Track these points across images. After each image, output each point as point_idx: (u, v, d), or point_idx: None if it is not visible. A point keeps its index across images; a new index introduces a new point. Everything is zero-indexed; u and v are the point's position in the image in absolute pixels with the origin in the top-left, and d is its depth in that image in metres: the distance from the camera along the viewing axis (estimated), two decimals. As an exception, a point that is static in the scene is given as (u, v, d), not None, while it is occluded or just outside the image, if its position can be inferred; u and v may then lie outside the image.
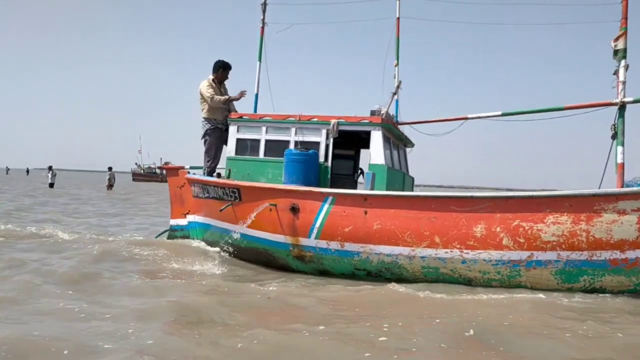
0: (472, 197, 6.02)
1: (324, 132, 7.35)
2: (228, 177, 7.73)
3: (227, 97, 7.92)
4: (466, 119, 7.33)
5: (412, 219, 6.20)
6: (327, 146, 7.34)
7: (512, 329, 4.39)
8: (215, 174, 8.16)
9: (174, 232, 8.77)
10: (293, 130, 7.49)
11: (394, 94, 7.34)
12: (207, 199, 7.81)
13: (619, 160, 6.39)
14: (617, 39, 6.63)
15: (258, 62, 8.54)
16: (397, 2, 8.06)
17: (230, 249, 7.33)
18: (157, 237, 9.30)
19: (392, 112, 7.68)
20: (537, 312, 4.93)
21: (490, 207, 5.93)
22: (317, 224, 6.64)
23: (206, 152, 8.12)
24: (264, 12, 8.57)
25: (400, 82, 7.33)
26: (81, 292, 5.27)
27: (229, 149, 7.80)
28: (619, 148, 6.42)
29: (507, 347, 3.91)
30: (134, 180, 66.20)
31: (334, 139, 7.31)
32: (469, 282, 6.08)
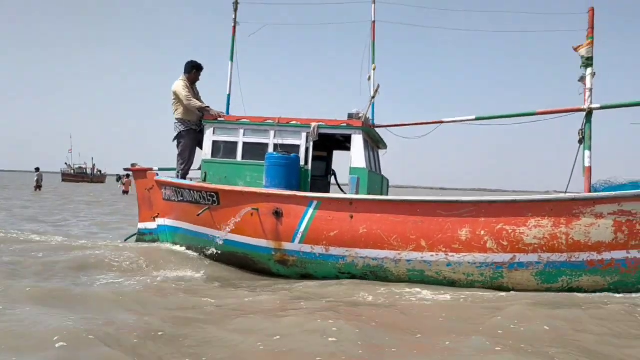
0: (457, 202, 6.22)
1: (304, 135, 7.38)
2: (204, 180, 7.63)
3: (205, 106, 7.80)
4: (441, 122, 7.51)
5: (399, 223, 6.35)
6: (307, 149, 7.38)
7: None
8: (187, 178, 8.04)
9: (142, 236, 8.57)
10: (272, 133, 7.47)
11: (373, 97, 7.45)
12: (182, 202, 7.69)
13: (587, 164, 6.75)
14: (579, 47, 6.99)
15: (230, 62, 8.44)
16: (373, 5, 8.17)
17: (209, 254, 7.24)
18: (125, 240, 9.06)
19: (363, 112, 7.78)
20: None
21: (475, 211, 6.15)
22: (302, 229, 6.69)
23: (180, 155, 7.98)
24: (235, 11, 8.48)
25: (378, 86, 7.45)
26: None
27: (205, 152, 7.70)
28: (587, 152, 6.78)
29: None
30: (63, 180, 64.02)
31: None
32: (452, 284, 6.28)
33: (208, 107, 7.80)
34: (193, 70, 8.05)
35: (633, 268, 5.91)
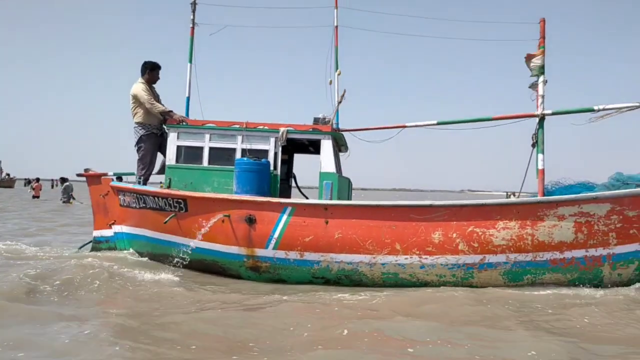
0: (430, 206, 6.49)
1: (272, 140, 7.43)
2: (168, 186, 7.50)
3: (168, 110, 7.67)
4: (404, 127, 7.75)
5: (374, 228, 6.54)
6: (275, 154, 7.43)
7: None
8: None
9: (98, 244, 8.30)
10: (239, 138, 7.46)
11: (339, 102, 7.59)
12: (144, 209, 7.53)
13: (540, 167, 7.19)
14: (532, 56, 7.44)
15: (189, 64, 8.32)
16: (335, 10, 8.29)
17: (175, 262, 7.14)
18: (80, 248, 8.74)
19: (329, 116, 7.91)
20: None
21: (447, 214, 6.45)
22: (276, 235, 6.74)
23: (140, 160, 7.80)
24: (193, 12, 8.34)
25: (344, 91, 7.60)
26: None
27: (169, 157, 7.57)
28: (540, 155, 7.23)
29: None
30: None
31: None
32: (424, 285, 6.55)
33: (171, 110, 7.68)
34: (147, 70, 7.89)
35: (590, 265, 6.40)
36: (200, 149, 7.52)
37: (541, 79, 7.29)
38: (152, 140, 7.79)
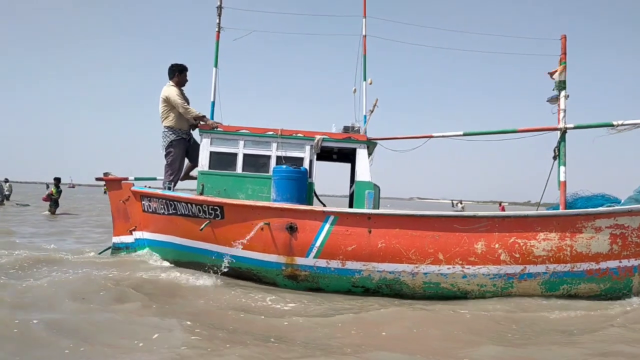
0: (474, 217, 6.73)
1: (308, 147, 7.54)
2: (201, 193, 7.51)
3: (202, 114, 7.70)
4: (431, 137, 7.97)
5: (417, 238, 6.73)
6: (310, 162, 7.54)
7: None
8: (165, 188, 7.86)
9: (117, 251, 8.21)
10: (274, 145, 7.54)
11: (371, 111, 7.76)
12: (174, 215, 7.50)
13: (562, 179, 7.54)
14: (554, 72, 7.82)
15: (214, 68, 8.33)
16: (364, 20, 8.46)
17: (211, 269, 7.15)
18: (100, 253, 8.63)
19: (358, 125, 8.09)
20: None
21: (490, 225, 6.71)
22: (317, 244, 6.85)
23: (169, 165, 7.78)
24: (219, 15, 8.36)
25: (377, 100, 7.78)
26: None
27: (202, 163, 7.58)
28: (562, 168, 7.58)
29: None
30: None
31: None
32: (464, 295, 6.80)
33: (204, 115, 7.70)
34: (176, 73, 7.91)
35: (622, 275, 6.78)
36: (234, 155, 7.56)
37: (563, 93, 7.65)
38: (181, 145, 7.79)
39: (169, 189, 7.77)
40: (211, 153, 7.61)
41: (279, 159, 7.49)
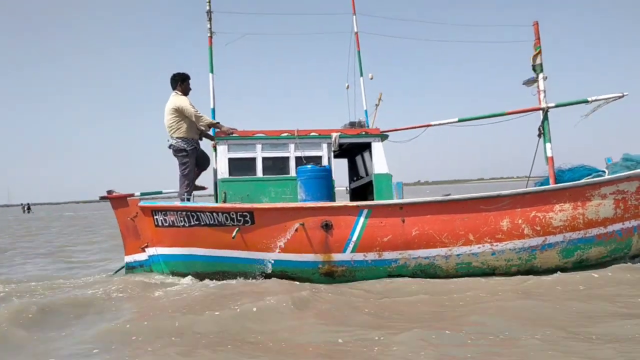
0: (498, 196, 7.42)
1: (325, 146, 7.93)
2: (224, 200, 7.67)
3: (216, 121, 7.86)
4: (429, 125, 8.61)
5: (448, 222, 7.33)
6: (329, 159, 7.93)
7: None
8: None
9: (131, 270, 8.15)
10: (292, 146, 7.85)
11: (377, 105, 8.27)
12: (196, 227, 7.59)
13: (549, 154, 8.43)
14: (534, 57, 8.72)
15: (210, 74, 8.48)
16: (354, 17, 8.91)
17: (251, 277, 7.38)
18: (114, 274, 8.54)
19: (363, 119, 8.58)
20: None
21: (512, 202, 7.43)
22: (354, 238, 7.26)
23: (185, 176, 7.87)
24: (209, 20, 8.52)
25: (381, 94, 8.28)
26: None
27: (221, 170, 7.75)
28: (548, 144, 8.48)
29: None
30: None
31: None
32: (493, 271, 7.49)
33: (218, 122, 7.86)
34: (179, 82, 8.01)
35: (625, 236, 7.75)
36: (253, 159, 7.81)
37: (541, 76, 8.54)
38: (194, 155, 7.91)
39: (188, 199, 7.85)
40: (230, 160, 7.80)
41: (298, 160, 7.80)
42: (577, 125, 8.72)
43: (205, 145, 8.41)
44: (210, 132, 8.31)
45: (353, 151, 9.33)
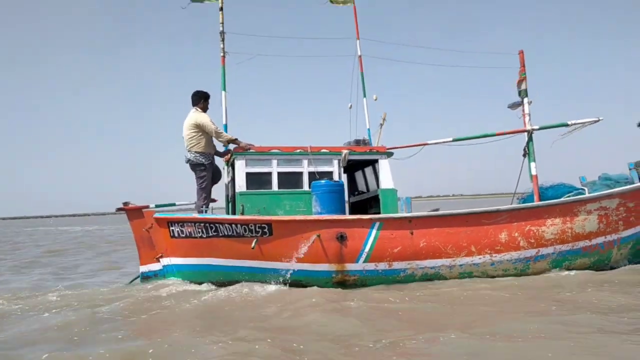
0: (497, 211, 8.27)
1: (335, 162, 8.60)
2: (242, 212, 8.21)
3: (234, 138, 8.43)
4: (426, 144, 9.43)
5: (453, 234, 8.12)
6: (339, 175, 8.61)
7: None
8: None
9: (147, 279, 8.58)
10: (305, 162, 8.49)
11: (381, 124, 9.02)
12: (215, 237, 8.10)
13: (534, 173, 9.39)
14: (519, 82, 9.68)
15: (223, 92, 9.04)
16: (357, 42, 9.65)
17: (270, 286, 7.91)
18: (130, 282, 8.95)
19: (367, 138, 9.34)
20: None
21: (509, 217, 8.29)
22: (367, 249, 7.94)
23: (204, 189, 8.37)
24: (222, 41, 9.11)
25: (385, 114, 9.03)
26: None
27: (239, 184, 8.30)
28: (532, 164, 9.43)
29: None
30: None
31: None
32: (491, 278, 8.30)
33: (237, 138, 8.42)
34: (202, 100, 8.53)
35: (607, 249, 8.73)
36: (269, 174, 8.41)
37: (526, 100, 9.49)
38: (211, 169, 8.42)
39: (205, 211, 8.35)
40: (247, 174, 8.37)
41: (311, 175, 8.44)
42: (553, 145, 9.66)
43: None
44: (223, 149, 8.87)
45: (353, 167, 10.04)
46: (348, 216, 8.08)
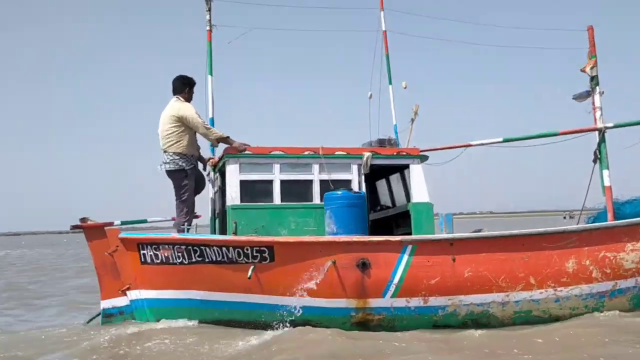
0: (563, 232, 6.54)
1: (354, 167, 6.97)
2: (235, 232, 6.49)
3: (226, 135, 6.77)
4: (469, 145, 7.65)
5: (506, 261, 6.40)
6: (359, 184, 6.90)
7: None
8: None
9: (109, 317, 6.77)
10: (316, 167, 6.80)
11: (413, 119, 7.36)
12: (199, 264, 6.37)
13: (607, 184, 7.45)
14: (588, 67, 7.76)
15: (209, 77, 7.39)
16: (381, 12, 7.99)
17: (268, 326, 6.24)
18: (88, 322, 7.24)
19: (393, 137, 7.67)
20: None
21: (579, 240, 6.53)
22: (396, 280, 6.25)
23: (185, 201, 6.72)
24: (208, 11, 7.47)
25: (417, 106, 7.37)
26: None
27: (231, 196, 6.62)
28: (605, 172, 7.52)
29: None
30: None
31: None
32: (555, 320, 6.53)
33: (229, 137, 6.76)
34: (186, 88, 6.90)
35: None
36: (270, 183, 6.78)
37: (597, 89, 7.60)
38: (194, 176, 6.80)
39: (187, 230, 6.63)
40: (242, 182, 6.69)
41: (323, 184, 6.74)
42: (630, 148, 7.85)
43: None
44: (209, 151, 7.20)
45: (374, 175, 8.29)
46: (372, 237, 6.39)
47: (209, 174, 7.54)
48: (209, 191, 7.60)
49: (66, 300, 10.78)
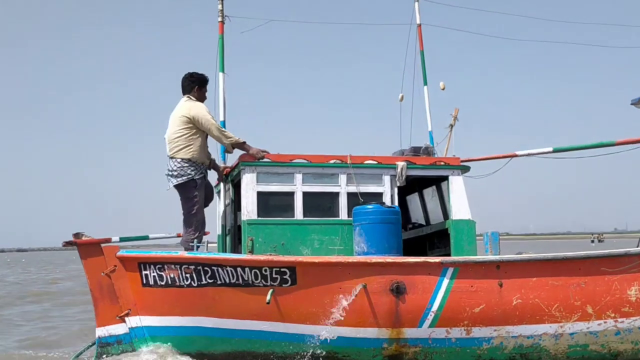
0: (625, 255, 5.89)
1: (387, 178, 6.31)
2: (251, 250, 5.81)
3: (242, 141, 6.17)
4: (514, 155, 7.07)
5: (560, 288, 5.78)
6: (392, 198, 6.24)
7: None
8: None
9: (105, 347, 6.03)
10: (343, 177, 6.14)
11: (452, 125, 6.76)
12: (210, 286, 5.68)
13: None
14: None
15: (221, 74, 6.81)
16: (416, 3, 7.42)
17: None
18: (77, 356, 6.54)
19: (430, 145, 7.06)
20: None
21: None
22: (434, 307, 5.61)
23: (194, 214, 6.04)
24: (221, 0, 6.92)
25: (457, 110, 6.78)
26: None
27: (247, 209, 5.95)
28: None
29: None
30: None
31: None
32: (615, 357, 5.87)
33: (245, 142, 6.11)
34: (196, 86, 6.27)
35: None
36: (291, 195, 6.11)
37: None
38: (203, 186, 6.16)
39: (197, 248, 5.93)
40: (259, 194, 6.01)
41: (352, 197, 6.08)
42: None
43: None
44: (220, 158, 6.59)
45: (405, 188, 7.65)
46: (408, 258, 5.72)
47: (216, 185, 6.90)
48: (216, 204, 6.93)
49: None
